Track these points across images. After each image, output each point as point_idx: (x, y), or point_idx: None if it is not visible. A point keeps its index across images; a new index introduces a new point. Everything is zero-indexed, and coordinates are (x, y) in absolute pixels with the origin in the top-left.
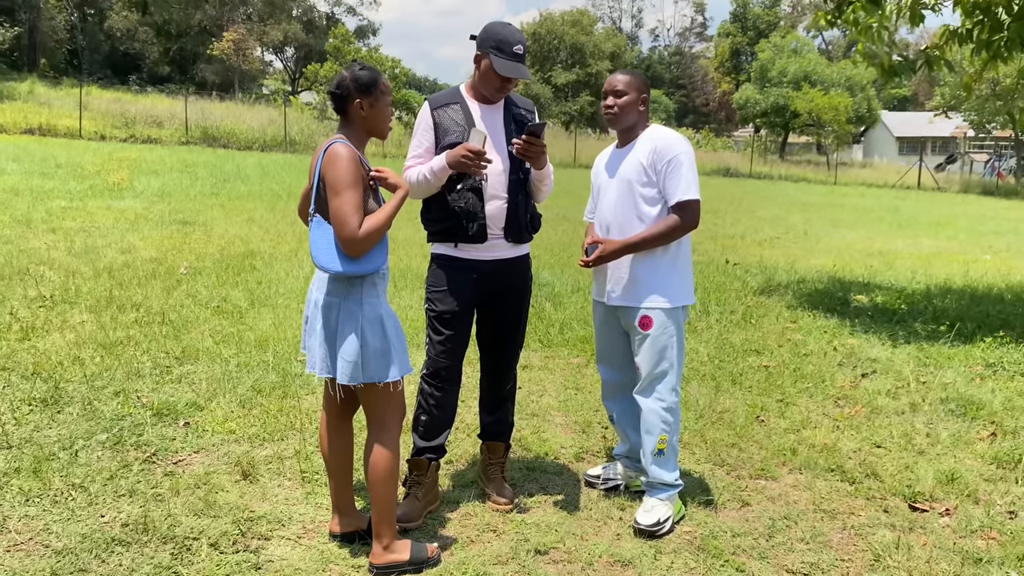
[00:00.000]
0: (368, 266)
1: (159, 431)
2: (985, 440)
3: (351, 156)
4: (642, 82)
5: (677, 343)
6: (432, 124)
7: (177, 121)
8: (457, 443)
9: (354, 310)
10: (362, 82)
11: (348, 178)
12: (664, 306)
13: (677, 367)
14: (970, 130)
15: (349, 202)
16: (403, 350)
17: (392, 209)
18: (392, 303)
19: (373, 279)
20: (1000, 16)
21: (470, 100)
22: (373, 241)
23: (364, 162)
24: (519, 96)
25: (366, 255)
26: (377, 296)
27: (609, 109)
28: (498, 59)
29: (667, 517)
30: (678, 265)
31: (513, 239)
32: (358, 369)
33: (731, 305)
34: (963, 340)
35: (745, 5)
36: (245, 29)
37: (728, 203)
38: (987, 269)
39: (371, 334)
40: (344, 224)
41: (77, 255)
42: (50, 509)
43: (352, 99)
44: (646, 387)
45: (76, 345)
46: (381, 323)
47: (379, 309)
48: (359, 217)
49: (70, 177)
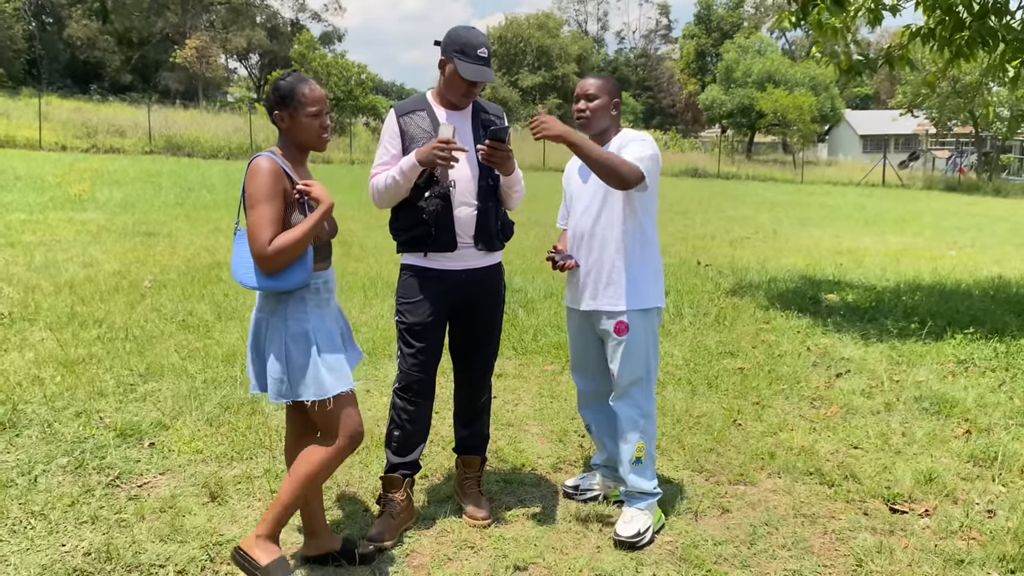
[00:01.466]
0: (284, 283)
1: (123, 453)
2: (960, 438)
3: (270, 170)
4: (613, 86)
5: (652, 347)
6: (399, 131)
7: (140, 130)
8: (432, 457)
9: (279, 326)
10: (280, 93)
11: (264, 191)
12: (638, 308)
13: (653, 372)
14: (932, 127)
15: (262, 216)
16: (336, 367)
17: (308, 225)
18: (361, 314)
19: (301, 294)
20: (961, 15)
21: (437, 107)
22: (285, 257)
23: (290, 175)
24: (488, 102)
25: (283, 271)
26: (305, 312)
27: (581, 113)
28: (462, 63)
29: (647, 527)
30: (649, 268)
31: (484, 247)
32: (285, 386)
33: (704, 307)
34: (934, 337)
35: (709, 7)
36: (208, 36)
37: (697, 204)
38: (954, 265)
39: (295, 351)
40: (254, 239)
41: (37, 270)
42: (8, 539)
43: (272, 111)
44: (622, 394)
45: (35, 364)
46: (306, 339)
47: (305, 325)
48: (271, 232)
49: (29, 189)
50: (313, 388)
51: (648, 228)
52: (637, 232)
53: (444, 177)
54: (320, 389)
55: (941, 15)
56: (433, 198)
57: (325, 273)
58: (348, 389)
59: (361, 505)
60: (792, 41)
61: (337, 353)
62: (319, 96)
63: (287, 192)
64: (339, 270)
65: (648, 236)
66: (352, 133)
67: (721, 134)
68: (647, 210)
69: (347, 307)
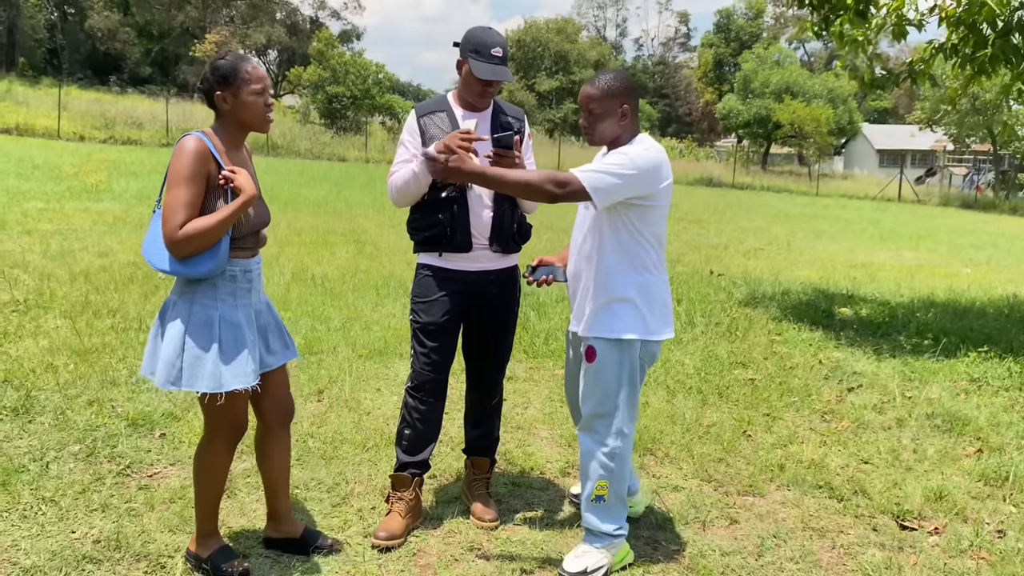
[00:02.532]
0: (192, 269)
1: (134, 442)
2: (971, 456)
3: (195, 150)
4: (616, 90)
5: (627, 383)
6: (418, 130)
7: (158, 123)
8: (441, 457)
9: (183, 310)
10: (221, 72)
11: (183, 172)
12: (607, 336)
13: (624, 409)
14: (949, 144)
15: (177, 198)
16: (235, 362)
17: (224, 214)
18: (374, 312)
19: (213, 280)
20: (984, 32)
21: (456, 107)
22: (195, 244)
23: (218, 159)
24: (509, 104)
25: (191, 259)
26: (214, 299)
27: (583, 128)
28: (477, 63)
29: (598, 567)
30: (639, 296)
31: (500, 248)
32: (174, 372)
33: (716, 317)
34: (947, 354)
35: (728, 16)
36: (228, 31)
37: (711, 213)
38: (969, 283)
39: (195, 338)
40: (166, 220)
41: (53, 258)
42: (19, 524)
43: (213, 91)
44: (585, 426)
45: (50, 352)
46: (209, 328)
47: (211, 312)
48: (185, 215)
49: (47, 178)
50: (208, 381)
51: (641, 254)
52: (624, 256)
53: None
54: (215, 383)
55: (964, 31)
56: (450, 198)
57: (246, 262)
58: (246, 387)
59: (369, 503)
60: (811, 53)
61: (240, 347)
62: (262, 74)
63: (211, 176)
64: (352, 267)
65: (641, 262)
66: (368, 132)
67: (737, 144)
68: (640, 233)
69: (359, 304)
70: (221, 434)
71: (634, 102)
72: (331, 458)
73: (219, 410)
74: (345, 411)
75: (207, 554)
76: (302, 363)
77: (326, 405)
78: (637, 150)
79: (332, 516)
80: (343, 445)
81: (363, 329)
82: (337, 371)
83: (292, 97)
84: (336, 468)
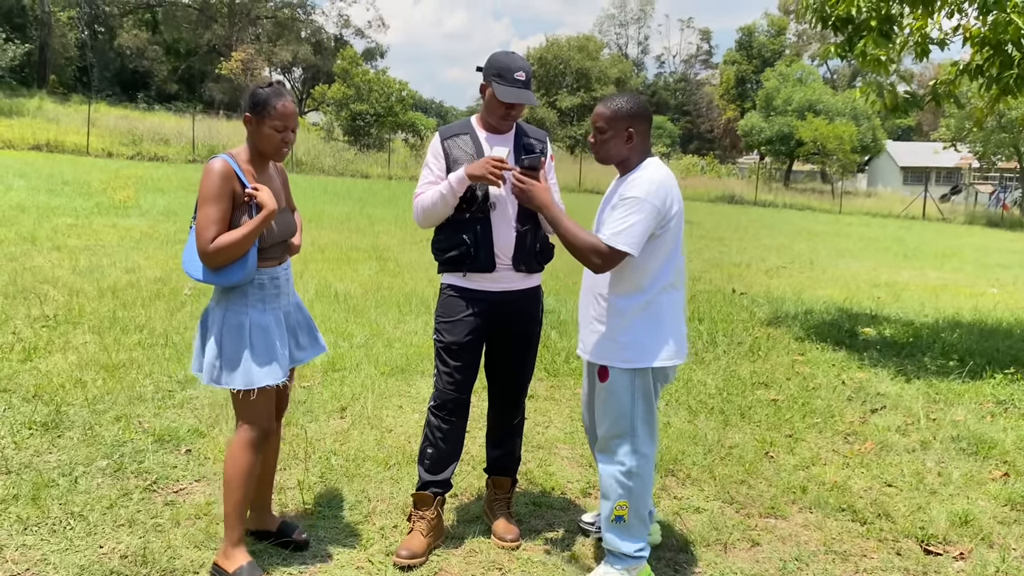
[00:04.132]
0: (224, 279)
1: (160, 458)
2: (998, 480)
3: (220, 171)
4: (626, 113)
5: (642, 405)
6: (442, 152)
7: (184, 139)
8: (462, 476)
9: (219, 316)
10: (256, 99)
11: (211, 191)
12: (620, 366)
13: (640, 430)
14: (975, 161)
15: (207, 215)
16: (265, 361)
17: (249, 228)
18: (395, 330)
19: (243, 289)
20: (1010, 52)
21: (480, 130)
22: (225, 256)
23: (242, 178)
24: (532, 127)
25: (224, 268)
26: (244, 305)
27: (591, 145)
28: (500, 86)
29: None
30: (648, 322)
31: (523, 268)
32: (216, 372)
33: (738, 336)
34: (973, 376)
35: (751, 33)
36: (254, 49)
37: (733, 231)
38: (996, 303)
39: (227, 340)
40: (199, 236)
41: (81, 274)
42: (48, 538)
43: (243, 112)
44: (603, 447)
45: (78, 367)
46: (241, 332)
47: (242, 318)
48: (215, 231)
49: (76, 194)
50: (240, 378)
51: (651, 277)
52: (635, 280)
53: (487, 197)
54: (247, 379)
55: (989, 51)
56: (474, 218)
57: (273, 270)
58: (275, 383)
59: (390, 521)
60: (834, 70)
61: (271, 348)
62: (289, 113)
63: (236, 194)
64: (375, 284)
65: (650, 286)
66: (391, 149)
67: (759, 161)
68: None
69: (382, 322)
70: (251, 431)
71: (642, 126)
72: (353, 476)
73: (250, 405)
74: (367, 428)
75: (233, 568)
76: (325, 380)
77: (348, 422)
78: (645, 186)
79: (354, 534)
80: (365, 463)
81: (385, 346)
82: (360, 388)
83: (316, 114)
84: (358, 486)
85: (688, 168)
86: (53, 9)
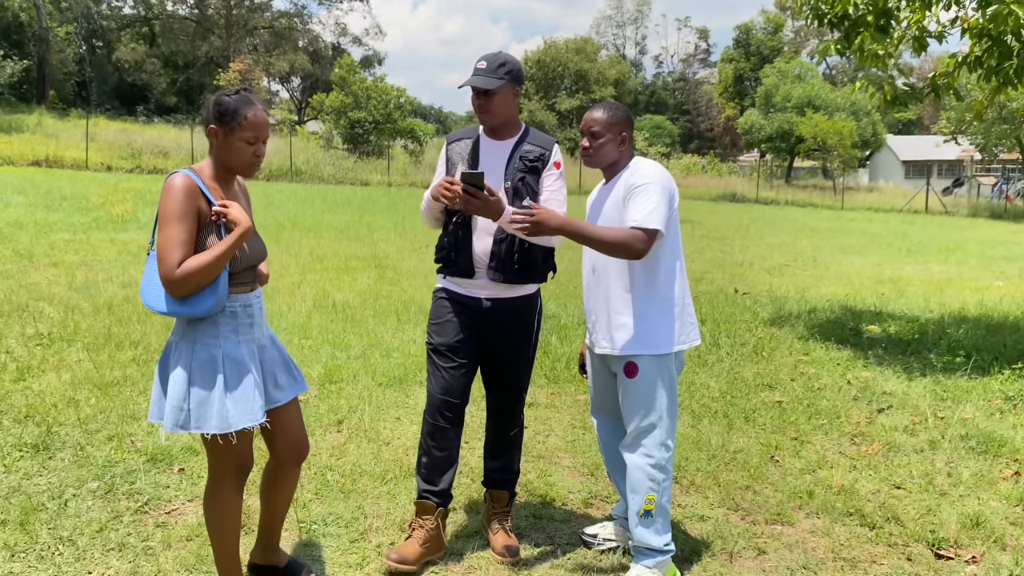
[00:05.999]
0: (193, 308)
1: (152, 478)
2: (1009, 480)
3: (184, 187)
4: (620, 119)
5: (667, 394)
6: (445, 158)
7: (183, 151)
8: (461, 490)
9: (186, 351)
10: (223, 108)
11: (175, 210)
12: (648, 353)
13: (667, 420)
14: (977, 153)
15: (170, 237)
16: (242, 399)
17: (221, 250)
18: (393, 339)
19: (215, 318)
20: (1009, 43)
21: (483, 135)
22: (194, 282)
23: (207, 195)
24: (540, 134)
25: (192, 297)
26: (216, 336)
27: (585, 150)
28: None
29: None
30: (666, 308)
31: (502, 279)
32: (184, 415)
33: (741, 337)
34: (980, 372)
35: (748, 31)
36: (252, 60)
37: (735, 229)
38: (1001, 296)
39: (197, 377)
40: (162, 260)
41: (77, 290)
42: (36, 565)
43: (208, 123)
44: (632, 441)
45: (71, 386)
46: (213, 366)
47: (214, 351)
48: (181, 254)
49: (74, 209)
50: (216, 421)
51: (663, 263)
52: (649, 268)
53: None
54: (223, 422)
55: (988, 43)
56: (456, 225)
57: (245, 296)
58: (254, 424)
59: (387, 538)
60: (833, 66)
61: (246, 384)
62: (261, 122)
63: (202, 212)
64: (373, 293)
65: (663, 272)
66: (390, 155)
67: (760, 159)
68: (664, 243)
69: (380, 331)
70: (229, 475)
71: (631, 131)
72: (350, 491)
73: (226, 450)
74: (364, 442)
75: None
76: (321, 393)
77: (345, 436)
78: (650, 170)
79: (350, 552)
80: (362, 478)
81: (383, 356)
82: (357, 400)
83: (315, 123)
84: (355, 502)
85: (689, 167)
86: (51, 25)
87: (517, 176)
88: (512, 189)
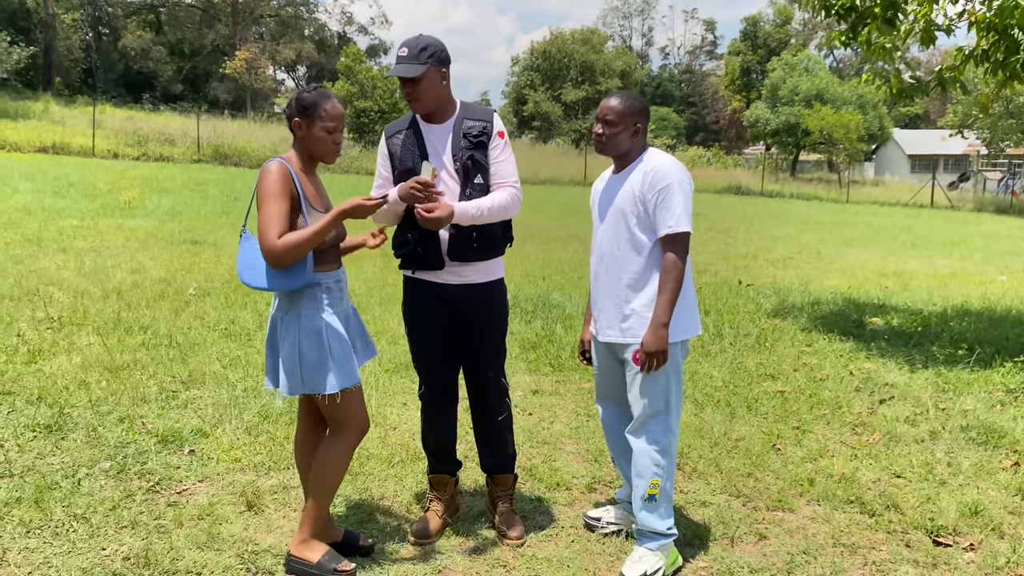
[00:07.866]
0: (290, 282)
1: (163, 459)
2: (1008, 470)
3: (279, 171)
4: (636, 109)
5: (673, 381)
6: (387, 153)
7: (189, 139)
8: (466, 473)
9: (293, 323)
10: (303, 103)
11: (274, 189)
12: None
13: (673, 407)
14: (983, 148)
15: (271, 213)
16: (346, 361)
17: (319, 226)
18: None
19: (315, 293)
20: (1016, 37)
21: (421, 122)
22: (293, 254)
23: (296, 181)
24: (476, 107)
25: (289, 270)
26: (318, 309)
27: (598, 137)
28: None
29: (656, 569)
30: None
31: (457, 259)
32: (297, 381)
33: (745, 328)
34: (982, 365)
35: (755, 23)
36: (258, 48)
37: (740, 222)
38: (1005, 290)
39: (308, 347)
40: (264, 233)
41: (86, 275)
42: (51, 541)
43: (292, 117)
44: (638, 427)
45: (82, 369)
46: (319, 335)
47: (317, 322)
48: (280, 228)
49: (82, 196)
50: (325, 383)
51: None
52: (656, 258)
53: None
54: (331, 383)
55: (995, 37)
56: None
57: (336, 273)
58: (354, 384)
59: (394, 520)
60: (840, 59)
61: (347, 350)
62: (338, 114)
63: (293, 195)
64: (379, 282)
65: None
66: None
67: (765, 151)
68: None
69: (386, 318)
70: (351, 431)
71: (646, 122)
72: (357, 474)
73: (343, 408)
74: (372, 426)
75: (316, 558)
76: None
77: None
78: (671, 170)
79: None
80: (369, 461)
81: (389, 343)
82: (364, 386)
83: None
84: (361, 484)
85: (694, 159)
86: (57, 11)
87: (465, 155)
88: (462, 169)
